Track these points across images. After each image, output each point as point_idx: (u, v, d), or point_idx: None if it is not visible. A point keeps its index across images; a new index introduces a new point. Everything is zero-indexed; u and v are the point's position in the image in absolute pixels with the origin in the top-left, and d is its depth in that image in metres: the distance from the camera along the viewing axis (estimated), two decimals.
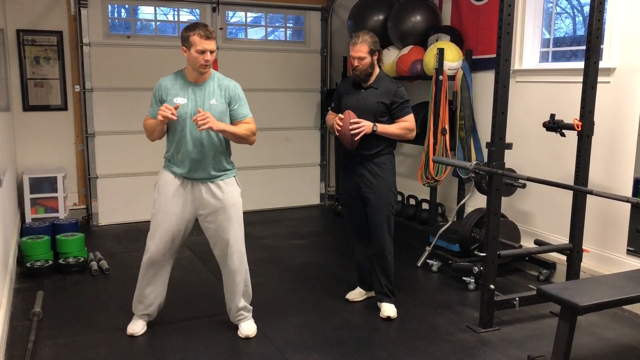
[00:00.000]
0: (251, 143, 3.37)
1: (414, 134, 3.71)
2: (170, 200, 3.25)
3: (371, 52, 3.58)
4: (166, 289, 3.50)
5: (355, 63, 3.59)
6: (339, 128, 3.57)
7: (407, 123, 3.66)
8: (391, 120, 3.66)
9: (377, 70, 3.66)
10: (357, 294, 3.98)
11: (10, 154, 4.98)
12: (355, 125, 3.52)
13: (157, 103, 3.23)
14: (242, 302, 3.44)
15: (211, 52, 3.11)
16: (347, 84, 3.80)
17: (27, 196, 5.36)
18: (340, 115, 3.60)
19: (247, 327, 3.43)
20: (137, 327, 3.42)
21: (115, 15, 6.22)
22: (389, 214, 3.72)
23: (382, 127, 3.59)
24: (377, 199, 3.68)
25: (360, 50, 3.56)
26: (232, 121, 3.29)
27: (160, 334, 3.46)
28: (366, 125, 3.54)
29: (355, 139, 3.54)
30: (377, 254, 3.78)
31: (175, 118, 3.07)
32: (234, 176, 3.36)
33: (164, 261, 3.36)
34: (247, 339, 3.39)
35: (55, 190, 5.46)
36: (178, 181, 3.26)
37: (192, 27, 3.13)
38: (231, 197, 3.30)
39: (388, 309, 3.76)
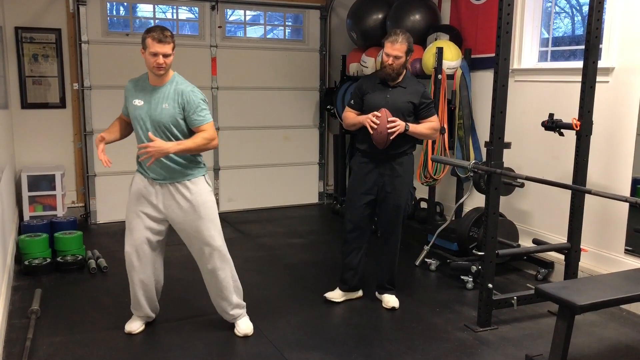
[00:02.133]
0: (212, 148, 3.26)
1: (438, 134, 3.73)
2: (139, 200, 3.25)
3: (407, 53, 3.57)
4: (160, 289, 3.49)
5: (390, 61, 3.55)
6: (375, 126, 3.51)
7: (434, 123, 3.68)
8: (416, 121, 3.66)
9: (404, 70, 3.66)
10: (337, 295, 3.92)
11: (9, 152, 4.98)
12: (393, 124, 3.50)
13: (125, 102, 3.29)
14: (235, 298, 3.41)
15: (164, 55, 3.05)
16: (371, 81, 3.73)
17: (25, 194, 5.35)
18: (376, 113, 3.53)
19: (245, 325, 3.42)
20: (134, 325, 3.43)
21: (114, 12, 6.21)
22: (405, 213, 3.78)
23: (412, 127, 3.60)
24: (398, 198, 3.70)
25: (400, 49, 3.53)
26: (189, 127, 3.19)
27: (158, 332, 3.46)
28: (400, 124, 3.53)
29: (391, 137, 3.52)
30: (389, 251, 3.82)
31: (107, 165, 3.19)
32: (203, 175, 3.31)
33: (146, 262, 3.31)
34: (245, 337, 3.39)
35: (54, 188, 5.46)
36: (147, 181, 3.25)
37: (149, 29, 3.11)
38: (200, 196, 3.24)
39: (392, 300, 3.83)
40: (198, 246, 3.30)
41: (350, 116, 3.76)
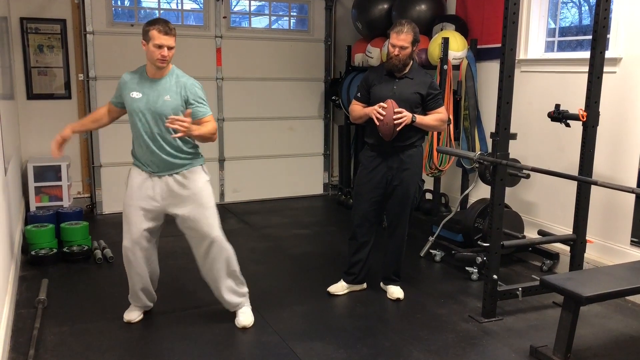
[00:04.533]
0: (213, 141, 3.26)
1: (446, 125, 3.70)
2: (136, 194, 3.24)
3: (413, 43, 3.54)
4: (156, 280, 3.51)
5: (396, 52, 3.52)
6: (381, 117, 3.48)
7: (441, 115, 3.66)
8: (423, 112, 3.64)
9: (411, 61, 3.63)
10: (340, 288, 3.93)
11: (15, 143, 4.99)
12: (399, 115, 3.47)
13: (118, 93, 3.31)
14: (232, 285, 3.38)
15: (169, 48, 3.08)
16: (378, 73, 3.70)
17: (32, 184, 5.38)
18: (382, 104, 3.51)
19: (243, 317, 3.41)
20: (133, 315, 3.46)
21: (119, 3, 6.20)
22: (413, 206, 3.78)
23: (419, 118, 3.57)
24: (406, 190, 3.69)
25: (405, 39, 3.50)
26: (192, 119, 3.19)
27: (163, 322, 3.48)
28: (407, 116, 3.50)
29: (398, 129, 3.50)
30: (395, 242, 3.83)
31: (56, 155, 3.31)
32: (201, 165, 3.32)
33: (142, 255, 3.32)
34: (244, 329, 3.38)
35: (59, 179, 5.48)
36: (144, 175, 3.25)
37: (153, 21, 3.12)
38: (197, 184, 3.26)
39: (397, 291, 3.85)
40: (197, 236, 3.30)
41: (356, 109, 3.74)
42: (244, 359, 3.12)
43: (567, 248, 3.91)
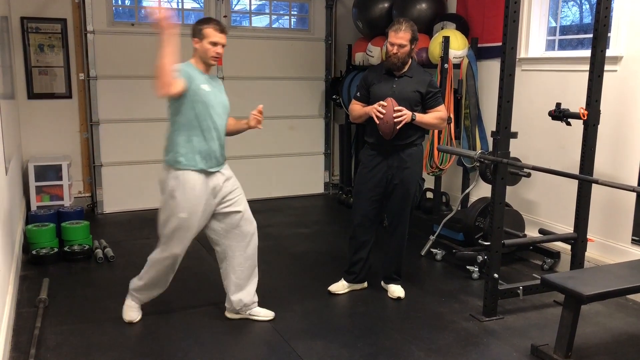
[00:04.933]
0: None
1: (445, 123, 3.72)
2: (198, 200, 3.19)
3: (411, 41, 3.54)
4: None
5: (395, 50, 3.52)
6: (381, 116, 3.48)
7: (441, 113, 3.66)
8: (423, 111, 3.64)
9: (410, 59, 3.63)
10: (341, 287, 3.93)
11: (16, 142, 4.99)
12: (399, 113, 3.47)
13: (187, 78, 3.06)
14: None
15: (222, 45, 3.17)
16: (377, 72, 3.71)
17: (32, 184, 5.38)
18: (381, 102, 3.51)
19: (265, 310, 3.51)
20: (134, 315, 3.44)
21: (119, 2, 6.20)
22: (413, 204, 3.80)
23: (419, 117, 3.57)
24: (406, 189, 3.69)
25: (404, 37, 3.50)
26: None
27: (165, 321, 3.48)
28: (407, 114, 3.50)
29: (398, 127, 3.49)
30: (396, 241, 3.83)
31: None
32: None
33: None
34: (271, 320, 3.47)
35: (60, 178, 5.49)
36: (202, 176, 3.20)
37: (206, 20, 3.22)
38: (233, 175, 3.42)
39: (398, 290, 3.85)
40: (244, 225, 3.35)
41: (356, 108, 3.74)
42: (245, 358, 3.12)
43: (568, 247, 3.91)
